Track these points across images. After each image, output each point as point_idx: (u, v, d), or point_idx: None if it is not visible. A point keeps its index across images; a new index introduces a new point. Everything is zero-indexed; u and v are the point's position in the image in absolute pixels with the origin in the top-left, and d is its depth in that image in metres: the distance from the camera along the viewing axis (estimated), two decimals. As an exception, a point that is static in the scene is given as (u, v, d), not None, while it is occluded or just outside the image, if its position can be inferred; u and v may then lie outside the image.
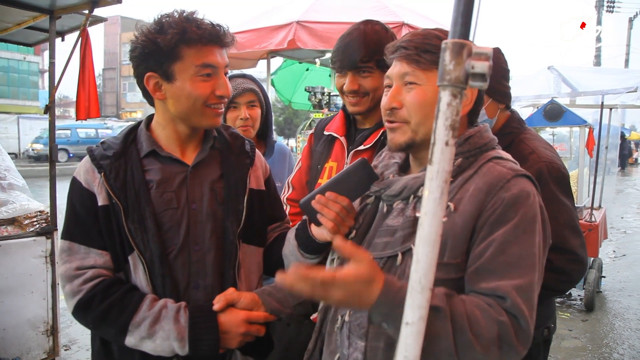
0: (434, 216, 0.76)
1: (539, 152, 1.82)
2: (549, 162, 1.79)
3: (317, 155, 1.94)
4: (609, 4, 25.74)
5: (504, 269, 1.03)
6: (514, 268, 1.03)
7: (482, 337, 0.98)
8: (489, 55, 0.73)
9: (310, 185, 1.95)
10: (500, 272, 1.03)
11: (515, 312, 1.00)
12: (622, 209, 11.80)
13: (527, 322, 1.01)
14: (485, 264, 1.05)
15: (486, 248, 1.05)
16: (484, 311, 1.00)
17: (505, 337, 0.99)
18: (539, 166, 1.74)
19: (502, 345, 0.99)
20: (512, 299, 1.00)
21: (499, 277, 1.03)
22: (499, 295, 1.02)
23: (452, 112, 0.75)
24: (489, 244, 1.05)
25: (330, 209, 1.25)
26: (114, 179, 1.31)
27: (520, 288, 1.02)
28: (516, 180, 1.09)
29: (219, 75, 1.34)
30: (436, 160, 0.76)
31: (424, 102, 1.15)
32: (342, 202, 1.25)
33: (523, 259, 1.04)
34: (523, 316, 1.00)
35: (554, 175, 1.76)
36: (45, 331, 3.30)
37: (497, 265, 1.04)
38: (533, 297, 1.04)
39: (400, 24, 4.64)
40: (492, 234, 1.05)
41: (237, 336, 1.29)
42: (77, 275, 1.29)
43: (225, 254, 1.38)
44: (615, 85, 5.62)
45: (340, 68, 1.75)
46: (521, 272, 1.03)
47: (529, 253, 1.05)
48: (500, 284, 1.02)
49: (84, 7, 3.07)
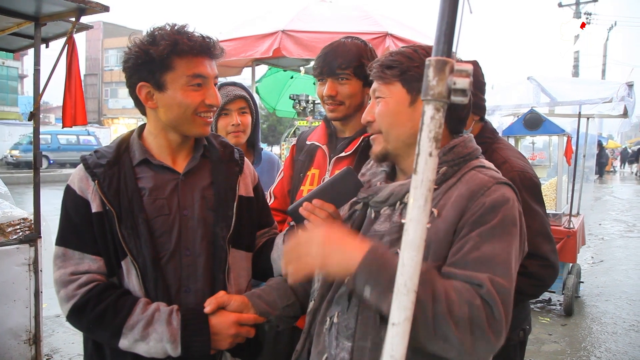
0: (418, 222, 0.80)
1: (511, 162, 1.87)
2: (521, 171, 1.84)
3: (299, 164, 2.02)
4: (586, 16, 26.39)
5: (479, 264, 1.06)
6: (489, 264, 1.06)
7: (455, 314, 1.00)
8: (469, 72, 0.79)
9: (292, 193, 2.01)
10: (474, 266, 1.06)
11: (489, 300, 1.02)
12: (599, 215, 12.07)
13: (500, 313, 1.02)
14: (460, 258, 1.09)
15: (462, 245, 1.10)
16: (458, 291, 1.03)
17: (477, 321, 1.00)
18: (511, 175, 1.77)
19: (474, 330, 1.00)
20: (488, 288, 1.03)
21: (473, 270, 1.06)
22: (475, 282, 1.05)
23: (435, 125, 0.80)
24: (466, 241, 1.10)
25: (317, 215, 1.32)
26: (107, 187, 1.35)
27: (494, 281, 1.04)
28: (497, 187, 1.15)
29: (209, 86, 1.39)
30: (420, 170, 0.80)
31: (386, 112, 1.25)
32: (329, 208, 1.33)
33: (498, 257, 1.08)
34: (497, 306, 1.02)
35: (526, 184, 1.81)
36: (27, 340, 3.25)
37: (472, 260, 1.07)
38: (507, 294, 1.05)
39: (384, 34, 4.72)
40: (469, 233, 1.10)
41: (228, 337, 1.33)
42: (72, 280, 1.31)
43: (215, 259, 1.42)
44: (592, 96, 5.78)
45: (320, 75, 1.86)
46: (496, 268, 1.06)
47: (505, 252, 1.09)
48: (477, 274, 1.05)
49: (71, 14, 3.06)
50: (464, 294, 1.03)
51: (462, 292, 1.03)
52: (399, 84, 1.24)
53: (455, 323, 1.00)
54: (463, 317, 1.00)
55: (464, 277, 1.06)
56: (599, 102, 5.67)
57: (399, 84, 1.24)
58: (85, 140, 25.28)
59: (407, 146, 1.25)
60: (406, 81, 1.24)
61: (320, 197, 1.34)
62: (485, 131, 2.06)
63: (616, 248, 8.63)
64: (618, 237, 9.67)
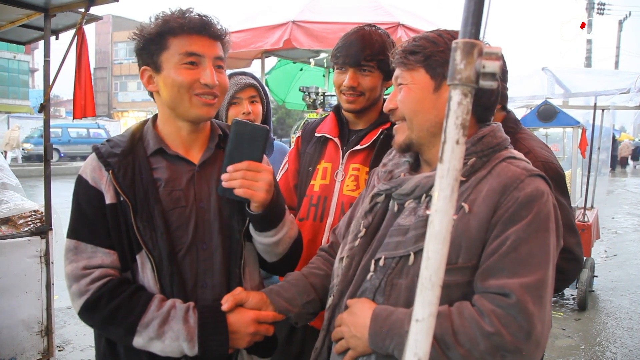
0: (444, 214, 0.76)
1: (536, 152, 1.84)
2: (546, 161, 1.81)
3: (308, 158, 1.94)
4: (600, 6, 26.00)
5: (515, 266, 1.04)
6: (525, 266, 1.04)
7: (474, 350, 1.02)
8: (499, 55, 0.74)
9: (300, 187, 1.93)
10: (510, 269, 1.04)
11: (515, 310, 1.01)
12: (612, 209, 11.92)
13: (528, 319, 1.00)
14: (496, 261, 1.05)
15: (498, 246, 1.06)
16: (472, 323, 1.03)
17: (501, 347, 1.00)
18: (535, 166, 1.73)
19: (505, 355, 1.01)
20: (518, 296, 1.01)
21: (509, 274, 1.04)
22: (504, 293, 1.03)
23: (463, 111, 0.75)
24: (502, 242, 1.06)
25: (235, 178, 1.29)
26: (122, 177, 1.30)
27: (529, 286, 1.02)
28: (530, 179, 1.11)
29: (205, 65, 1.32)
30: (447, 159, 0.76)
31: (409, 99, 1.21)
32: (242, 167, 1.30)
33: (535, 257, 1.05)
34: (526, 312, 1.00)
35: (550, 175, 1.76)
36: (39, 332, 3.27)
37: (508, 263, 1.04)
38: (544, 295, 1.04)
39: (396, 25, 4.66)
40: (504, 232, 1.06)
41: (247, 336, 1.28)
42: (84, 274, 1.27)
43: (232, 253, 1.38)
44: (608, 87, 5.67)
45: (342, 64, 1.78)
46: (532, 269, 1.04)
47: (541, 251, 1.06)
48: (509, 282, 1.03)
49: (80, 5, 3.04)
50: (477, 325, 1.03)
51: (476, 323, 1.03)
52: (423, 69, 1.20)
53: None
54: (486, 350, 1.01)
55: (495, 288, 1.05)
56: (616, 92, 5.57)
57: (423, 70, 1.20)
58: (96, 134, 25.43)
59: (432, 135, 1.20)
60: (430, 67, 1.19)
61: (230, 162, 1.30)
62: (508, 120, 2.01)
63: (630, 242, 8.51)
64: (632, 230, 9.55)
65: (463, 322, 1.03)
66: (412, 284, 1.11)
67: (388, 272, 1.16)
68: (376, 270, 1.19)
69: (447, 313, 1.06)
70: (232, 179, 1.29)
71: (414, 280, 1.10)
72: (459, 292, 1.10)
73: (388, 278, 1.16)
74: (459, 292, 1.10)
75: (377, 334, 1.10)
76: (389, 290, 1.16)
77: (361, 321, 1.14)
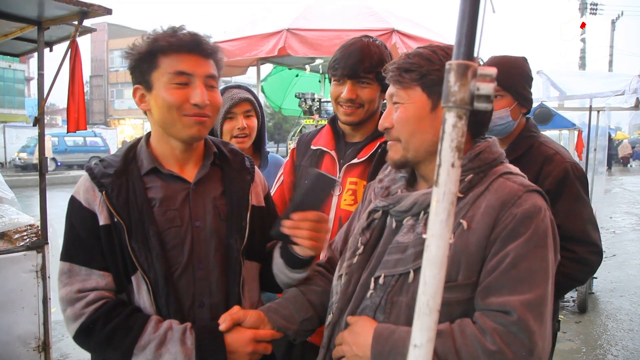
0: (440, 238, 0.75)
1: (563, 154, 1.99)
2: (573, 163, 1.96)
3: (303, 171, 1.92)
4: (592, 7, 26.13)
5: (515, 283, 1.04)
6: (525, 283, 1.04)
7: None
8: (493, 77, 0.73)
9: None
10: (510, 286, 1.04)
11: (517, 328, 1.01)
12: (610, 208, 11.93)
13: (530, 336, 1.01)
14: (496, 278, 1.05)
15: (498, 263, 1.06)
16: (474, 342, 1.02)
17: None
18: (564, 166, 1.91)
19: None
20: (519, 314, 1.01)
21: (509, 291, 1.04)
22: (505, 310, 1.02)
23: (458, 134, 0.74)
24: (501, 259, 1.06)
25: (302, 228, 1.27)
26: (116, 198, 1.28)
27: (530, 303, 1.02)
28: (528, 195, 1.10)
29: (195, 84, 1.30)
30: (442, 182, 0.75)
31: (406, 119, 1.19)
32: (311, 217, 1.28)
33: (534, 274, 1.05)
34: (527, 330, 1.01)
35: (577, 175, 1.93)
36: (36, 347, 3.23)
37: (508, 280, 1.04)
38: (544, 312, 1.04)
39: (391, 31, 4.65)
40: (503, 249, 1.06)
41: (245, 356, 1.26)
42: (79, 298, 1.25)
43: (230, 272, 1.36)
44: (602, 89, 5.69)
45: (340, 76, 1.76)
46: (532, 286, 1.04)
47: (541, 267, 1.06)
48: (510, 299, 1.03)
49: (73, 18, 3.02)
50: (480, 344, 1.02)
51: (478, 342, 1.02)
52: (419, 88, 1.18)
53: None
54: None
55: (497, 305, 1.04)
56: (611, 94, 5.58)
57: (419, 89, 1.18)
58: (92, 142, 25.41)
59: (429, 153, 1.19)
60: (426, 85, 1.17)
61: (298, 210, 1.28)
62: (531, 125, 2.13)
63: (628, 241, 8.52)
64: (630, 230, 9.56)
65: (465, 341, 1.03)
66: (412, 302, 1.10)
67: (388, 290, 1.16)
68: (376, 288, 1.18)
69: (449, 331, 1.05)
70: (297, 228, 1.28)
71: (414, 297, 1.09)
72: (460, 309, 1.10)
73: (388, 296, 1.15)
74: (460, 309, 1.10)
75: (379, 354, 1.09)
76: (390, 308, 1.15)
77: (363, 340, 1.13)
